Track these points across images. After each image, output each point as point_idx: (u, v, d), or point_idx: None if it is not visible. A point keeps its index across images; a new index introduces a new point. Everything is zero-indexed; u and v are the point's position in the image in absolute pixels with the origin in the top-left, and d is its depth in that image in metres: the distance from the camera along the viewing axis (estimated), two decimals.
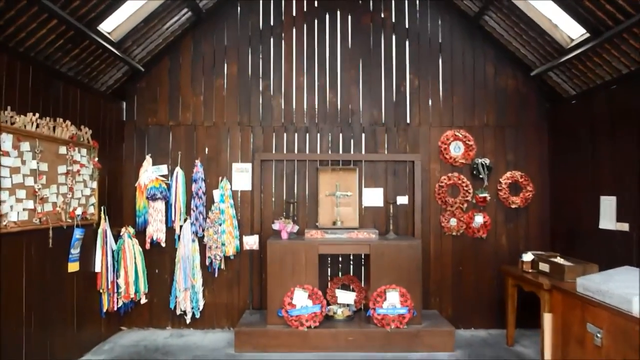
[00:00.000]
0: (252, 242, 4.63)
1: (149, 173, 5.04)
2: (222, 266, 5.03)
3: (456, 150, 5.17)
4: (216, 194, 5.05)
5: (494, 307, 5.12)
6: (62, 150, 3.99)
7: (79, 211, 4.13)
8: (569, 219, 4.85)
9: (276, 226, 4.62)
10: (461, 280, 5.14)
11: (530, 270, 4.34)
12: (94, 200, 4.46)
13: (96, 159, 4.47)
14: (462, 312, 5.13)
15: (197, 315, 5.01)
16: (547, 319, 3.75)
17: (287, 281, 4.41)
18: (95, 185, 4.48)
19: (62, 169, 3.97)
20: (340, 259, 5.11)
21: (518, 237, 5.18)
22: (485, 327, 5.13)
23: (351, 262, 5.12)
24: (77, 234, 4.09)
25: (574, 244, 4.72)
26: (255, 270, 5.04)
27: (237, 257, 5.06)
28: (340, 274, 5.10)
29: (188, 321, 5.01)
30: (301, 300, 4.34)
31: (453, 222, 5.12)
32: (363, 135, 5.20)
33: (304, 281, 4.41)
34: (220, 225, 4.96)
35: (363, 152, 5.17)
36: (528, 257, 4.39)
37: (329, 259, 5.12)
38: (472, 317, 5.13)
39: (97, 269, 4.48)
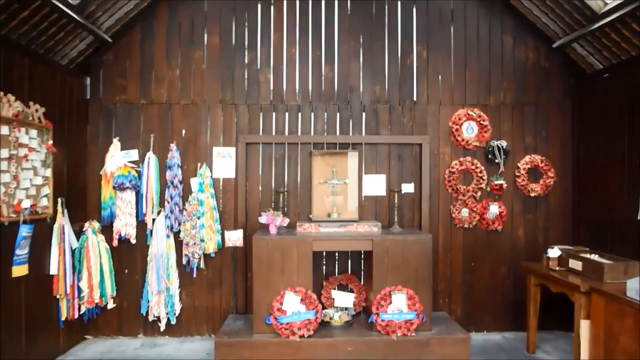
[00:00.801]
0: (235, 237, 4.00)
1: (117, 159, 4.37)
2: (202, 265, 4.38)
3: (469, 131, 4.55)
4: (194, 182, 4.38)
5: (509, 308, 4.55)
6: (4, 130, 3.30)
7: (26, 204, 3.45)
8: (596, 209, 4.26)
9: (263, 219, 3.98)
10: (473, 278, 4.55)
11: (557, 268, 3.76)
12: (47, 190, 3.77)
13: (50, 142, 3.77)
14: (474, 314, 4.55)
15: (173, 322, 4.37)
16: (585, 326, 3.17)
17: (276, 283, 3.78)
18: (49, 173, 3.79)
19: (3, 152, 3.28)
20: (336, 255, 4.49)
21: (537, 230, 4.59)
22: (499, 330, 4.56)
23: (349, 259, 4.51)
24: (24, 231, 3.42)
25: (603, 238, 4.14)
26: (240, 269, 4.40)
27: (219, 254, 4.42)
28: (337, 272, 4.48)
29: (162, 328, 4.37)
30: (292, 305, 3.71)
31: (465, 212, 4.51)
32: (363, 114, 4.55)
33: (295, 283, 3.79)
34: (198, 218, 4.30)
35: (363, 133, 4.53)
36: (554, 252, 3.81)
37: (324, 255, 4.49)
38: (485, 318, 4.56)
39: (53, 271, 3.82)
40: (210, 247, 4.30)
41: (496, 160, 4.50)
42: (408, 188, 4.50)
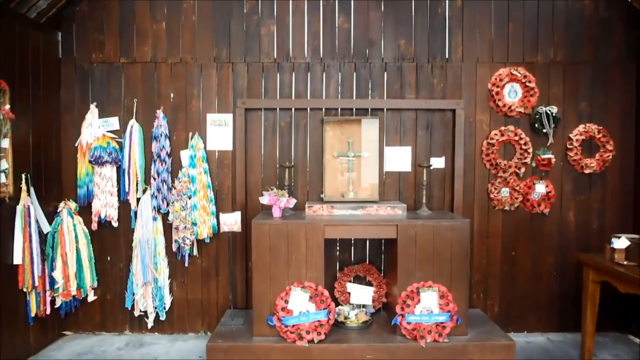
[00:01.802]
0: (231, 221, 3.34)
1: (94, 128, 3.71)
2: (195, 252, 3.76)
3: (512, 95, 3.79)
4: (185, 155, 3.72)
5: (555, 305, 3.87)
6: None
7: None
8: None
9: (265, 200, 3.30)
10: (513, 270, 3.86)
11: (625, 262, 3.05)
12: (5, 165, 3.13)
13: (7, 106, 3.11)
14: (513, 311, 3.88)
15: (163, 317, 3.77)
16: None
17: (280, 277, 3.14)
18: (7, 144, 3.14)
19: None
20: (352, 241, 3.82)
21: (591, 213, 3.86)
22: (543, 331, 3.89)
23: (367, 246, 3.84)
24: None
25: None
26: (239, 258, 3.76)
27: (215, 240, 3.78)
28: (352, 261, 3.81)
29: (150, 324, 3.78)
30: (300, 304, 3.08)
31: (505, 192, 3.79)
32: (385, 74, 3.80)
33: (303, 277, 3.14)
34: (189, 198, 3.65)
35: (385, 97, 3.79)
36: (621, 243, 3.09)
37: (338, 241, 3.83)
38: (526, 317, 3.88)
39: (17, 260, 3.22)
40: (204, 232, 3.66)
41: (544, 130, 3.74)
42: (438, 163, 3.78)
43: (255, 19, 3.78)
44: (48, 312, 3.49)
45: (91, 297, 3.74)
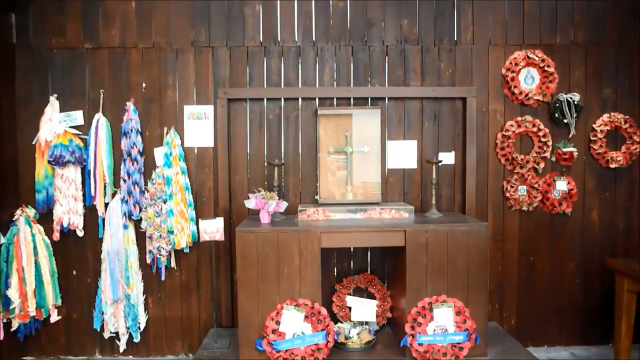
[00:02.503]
0: (212, 228, 2.89)
1: (55, 124, 3.23)
2: (172, 264, 3.29)
3: (529, 81, 3.37)
4: (159, 153, 3.25)
5: (579, 316, 3.47)
6: None
7: None
8: None
9: (251, 204, 2.85)
10: (531, 277, 3.45)
11: None
12: None
13: None
14: (532, 323, 3.46)
15: (137, 338, 3.30)
16: None
17: (269, 293, 2.69)
18: None
19: None
20: (351, 249, 3.38)
21: (616, 213, 3.45)
22: (565, 344, 3.49)
23: (368, 253, 3.40)
24: None
25: None
26: (223, 271, 3.30)
27: (195, 249, 3.32)
28: (352, 270, 3.38)
29: (122, 347, 3.31)
30: (294, 325, 2.63)
31: (522, 190, 3.37)
32: (386, 59, 3.36)
33: (297, 293, 2.69)
34: (164, 202, 3.18)
35: (386, 84, 3.35)
36: None
37: (335, 249, 3.38)
38: (546, 330, 3.47)
39: None
40: (183, 241, 3.20)
41: (564, 121, 3.33)
42: (447, 158, 3.35)
43: None
44: (1, 337, 3.01)
45: (54, 318, 3.27)
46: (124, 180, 3.21)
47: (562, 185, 3.37)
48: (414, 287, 2.73)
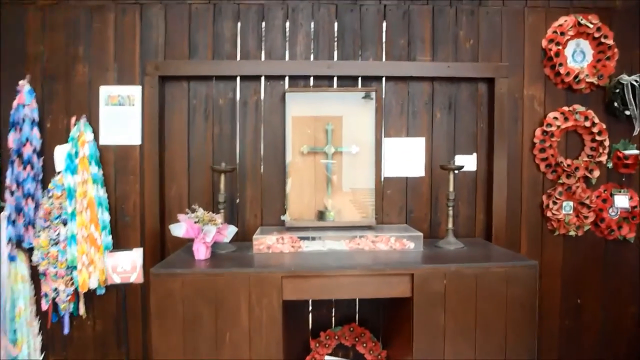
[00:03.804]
0: (125, 265, 1.94)
1: None
2: (81, 311, 2.33)
3: (578, 57, 2.46)
4: (60, 154, 2.29)
5: None
6: None
7: None
8: None
9: (179, 229, 1.88)
10: (579, 325, 2.53)
11: None
12: None
13: None
14: None
15: None
16: None
17: None
18: None
19: None
20: None
21: None
22: None
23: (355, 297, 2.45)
24: None
25: None
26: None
27: (114, 289, 2.35)
28: (333, 320, 2.43)
29: None
30: None
31: (568, 208, 2.45)
32: (384, 24, 2.41)
33: None
34: (64, 224, 2.22)
35: (383, 58, 2.40)
36: None
37: None
38: None
39: None
40: (93, 279, 2.23)
41: (626, 112, 2.42)
42: (466, 163, 2.42)
43: None
44: None
45: None
46: (11, 192, 2.25)
47: (622, 201, 2.46)
48: (425, 353, 1.80)
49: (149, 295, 1.78)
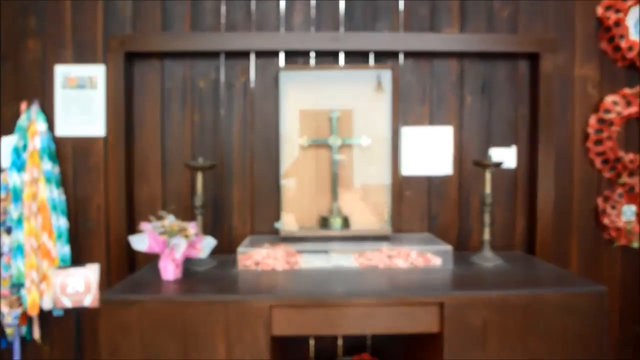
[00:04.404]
0: (77, 284, 1.54)
1: None
2: (36, 335, 1.92)
3: None
4: (5, 146, 1.89)
5: None
6: None
7: None
8: None
9: (141, 243, 1.46)
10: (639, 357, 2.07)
11: None
12: None
13: None
14: None
15: None
16: None
17: None
18: None
19: None
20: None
21: None
22: None
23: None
24: None
25: None
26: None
27: (73, 311, 1.94)
28: (340, 351, 1.99)
29: None
30: None
31: (629, 213, 1.99)
32: None
33: None
34: (8, 232, 1.82)
35: (401, 30, 1.96)
36: None
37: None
38: None
39: None
40: (46, 299, 1.83)
41: None
42: (505, 158, 1.96)
43: None
44: None
45: None
46: None
47: None
48: None
49: (100, 327, 1.37)
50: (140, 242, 1.45)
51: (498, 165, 1.70)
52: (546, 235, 1.93)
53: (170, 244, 1.43)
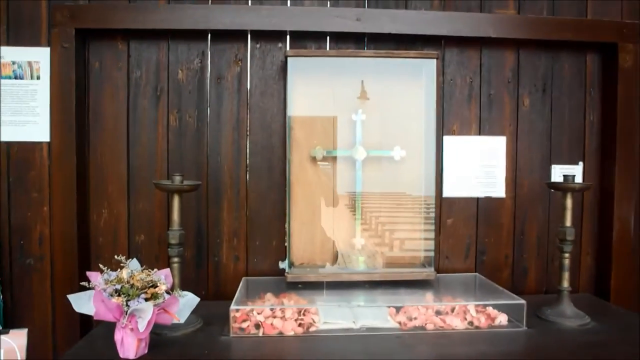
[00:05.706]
0: None
1: None
2: None
3: None
4: None
5: None
6: None
7: None
8: None
9: (84, 305, 0.98)
10: None
11: None
12: None
13: None
14: None
15: None
16: None
17: None
18: None
19: None
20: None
21: None
22: None
23: None
24: None
25: None
26: None
27: None
28: None
29: None
30: None
31: None
32: None
33: None
34: None
35: (443, 8, 1.52)
36: None
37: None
38: None
39: None
40: None
41: None
42: (577, 175, 1.54)
43: None
44: None
45: None
46: None
47: None
48: None
49: None
50: (85, 304, 0.98)
51: (585, 189, 1.27)
52: (623, 274, 1.52)
53: (130, 309, 0.95)
